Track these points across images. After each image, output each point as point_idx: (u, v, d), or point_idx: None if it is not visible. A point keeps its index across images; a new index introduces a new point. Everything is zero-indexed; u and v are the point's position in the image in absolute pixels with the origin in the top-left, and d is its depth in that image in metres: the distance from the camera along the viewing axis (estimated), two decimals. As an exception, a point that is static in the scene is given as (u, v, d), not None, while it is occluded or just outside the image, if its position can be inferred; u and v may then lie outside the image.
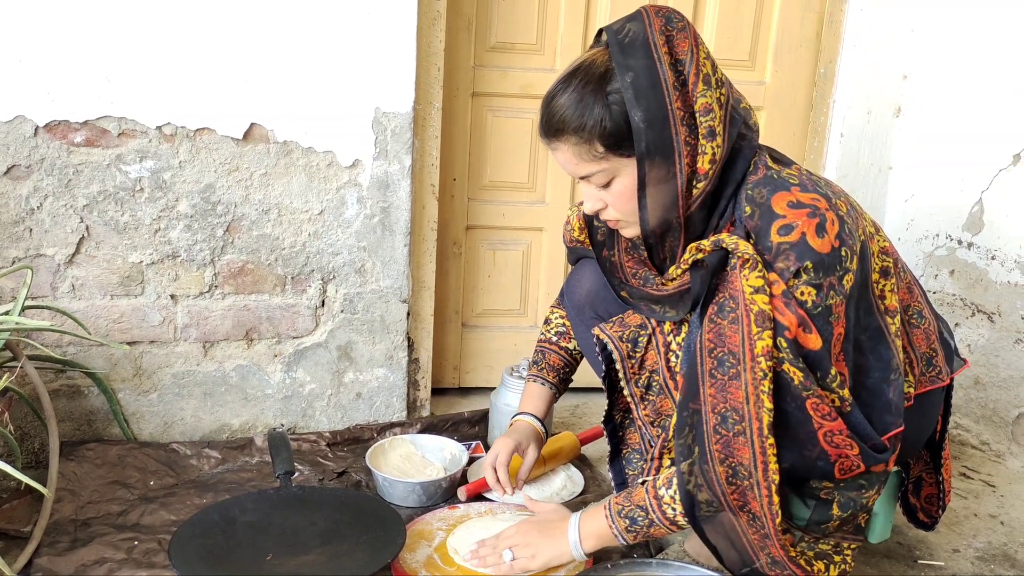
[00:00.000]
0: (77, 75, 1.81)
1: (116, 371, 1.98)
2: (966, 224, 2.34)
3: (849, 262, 1.28)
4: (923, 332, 1.47)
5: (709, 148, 1.30)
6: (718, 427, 1.27)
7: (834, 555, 1.39)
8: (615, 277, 1.57)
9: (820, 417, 1.25)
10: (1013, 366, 2.22)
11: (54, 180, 1.84)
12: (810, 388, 1.25)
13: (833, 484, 1.34)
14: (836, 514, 1.35)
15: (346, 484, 1.89)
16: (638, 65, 1.28)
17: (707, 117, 1.29)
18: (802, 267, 1.24)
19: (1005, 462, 2.22)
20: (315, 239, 2.03)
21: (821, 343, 1.26)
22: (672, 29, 1.31)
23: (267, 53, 1.90)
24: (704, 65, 1.32)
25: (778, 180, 1.33)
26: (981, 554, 1.78)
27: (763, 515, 1.27)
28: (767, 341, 1.23)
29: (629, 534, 1.40)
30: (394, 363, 2.17)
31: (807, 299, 1.25)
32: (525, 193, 2.42)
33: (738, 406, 1.25)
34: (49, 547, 1.57)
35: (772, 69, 2.47)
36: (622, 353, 1.58)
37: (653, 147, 1.29)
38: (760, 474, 1.24)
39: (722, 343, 1.28)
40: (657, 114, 1.28)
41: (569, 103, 1.32)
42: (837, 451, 1.28)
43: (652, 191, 1.33)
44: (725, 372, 1.27)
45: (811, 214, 1.26)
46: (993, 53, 2.25)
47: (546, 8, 2.30)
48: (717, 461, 1.26)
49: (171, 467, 1.91)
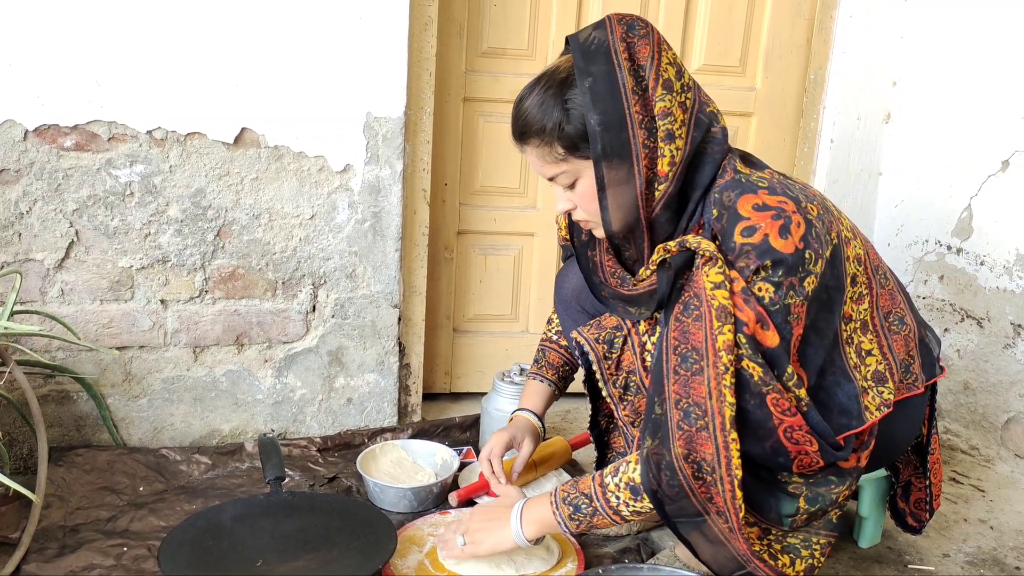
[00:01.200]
0: (67, 79, 1.80)
1: (106, 376, 1.98)
2: (955, 230, 2.36)
3: (813, 264, 1.29)
4: (903, 338, 1.48)
5: (668, 151, 1.33)
6: (681, 423, 1.28)
7: (802, 549, 1.40)
8: (596, 277, 1.59)
9: (780, 413, 1.27)
10: (1002, 371, 2.23)
11: (44, 184, 1.84)
12: (770, 383, 1.27)
13: (803, 480, 1.36)
14: (803, 507, 1.36)
15: (337, 490, 1.89)
16: (598, 71, 1.33)
17: (665, 120, 1.33)
18: (762, 265, 1.27)
19: (994, 467, 2.23)
20: (306, 244, 2.03)
21: (779, 340, 1.28)
22: (634, 36, 1.35)
23: (258, 58, 1.90)
24: (666, 71, 1.34)
25: (746, 183, 1.35)
26: (971, 559, 1.79)
27: (727, 510, 1.28)
28: (728, 336, 1.25)
29: (572, 522, 1.41)
30: (385, 368, 2.17)
31: (764, 295, 1.27)
32: (516, 198, 2.42)
33: (701, 401, 1.26)
34: (38, 553, 1.56)
35: (763, 75, 2.48)
36: (598, 354, 1.60)
37: (610, 149, 1.33)
38: (723, 469, 1.25)
39: (686, 340, 1.30)
40: (614, 117, 1.32)
41: (531, 106, 1.37)
42: (797, 447, 1.29)
43: (612, 192, 1.36)
44: (688, 368, 1.29)
45: (775, 216, 1.29)
46: (982, 60, 2.27)
47: (537, 14, 2.31)
48: (681, 458, 1.27)
49: (161, 473, 1.90)
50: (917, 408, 1.53)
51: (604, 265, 1.57)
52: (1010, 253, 2.20)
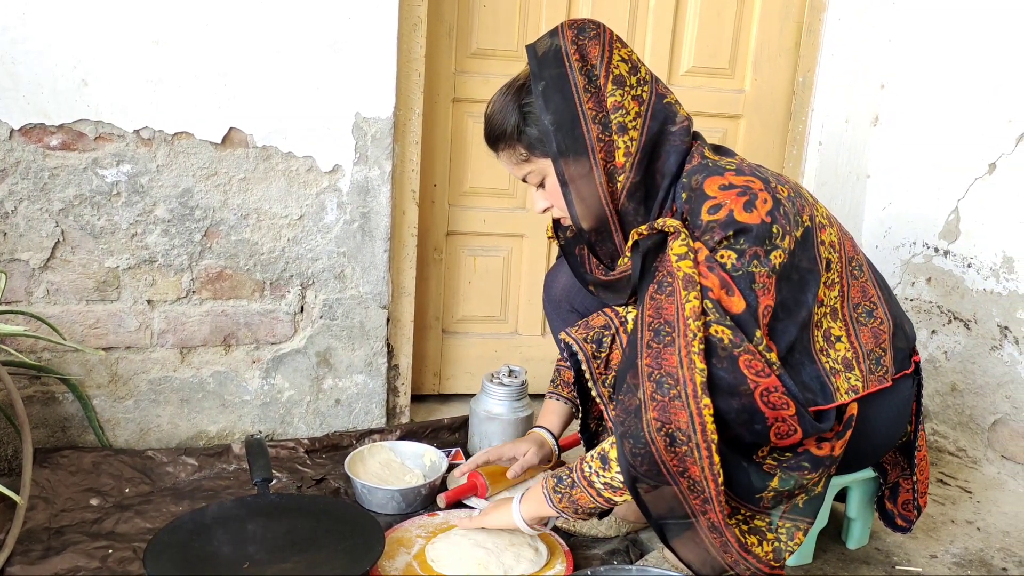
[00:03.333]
0: (53, 78, 1.79)
1: (91, 377, 1.96)
2: (943, 232, 2.37)
3: (780, 239, 1.32)
4: (871, 330, 1.48)
5: (622, 143, 1.41)
6: (655, 394, 1.28)
7: (767, 532, 1.39)
8: (583, 269, 1.64)
9: (754, 375, 1.27)
10: (989, 373, 2.24)
11: (29, 184, 1.82)
12: (740, 345, 1.27)
13: (776, 462, 1.36)
14: (774, 486, 1.36)
15: (324, 491, 1.88)
16: (549, 74, 1.42)
17: (617, 114, 1.40)
18: (725, 236, 1.31)
19: (981, 468, 2.24)
20: (294, 244, 2.02)
21: (744, 306, 1.29)
22: (584, 38, 1.43)
23: (246, 58, 1.89)
24: (617, 67, 1.42)
25: (712, 167, 1.40)
26: (958, 559, 1.79)
27: (703, 478, 1.27)
28: (695, 303, 1.28)
29: (556, 495, 1.45)
30: (373, 369, 2.16)
31: (726, 262, 1.30)
32: (506, 199, 2.42)
33: (672, 371, 1.27)
34: (22, 556, 1.55)
35: (751, 77, 2.49)
36: (587, 353, 1.61)
37: (564, 146, 1.41)
38: (699, 436, 1.25)
39: (659, 316, 1.32)
40: (565, 116, 1.40)
41: (494, 113, 1.50)
42: (774, 413, 1.28)
43: (574, 187, 1.44)
44: (660, 341, 1.30)
45: (741, 193, 1.33)
46: (969, 63, 2.28)
47: (527, 15, 2.31)
48: (655, 430, 1.27)
49: (147, 474, 1.89)
50: (900, 405, 1.53)
51: (590, 259, 1.62)
52: (997, 255, 2.21)
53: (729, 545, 1.33)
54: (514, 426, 2.04)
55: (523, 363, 2.33)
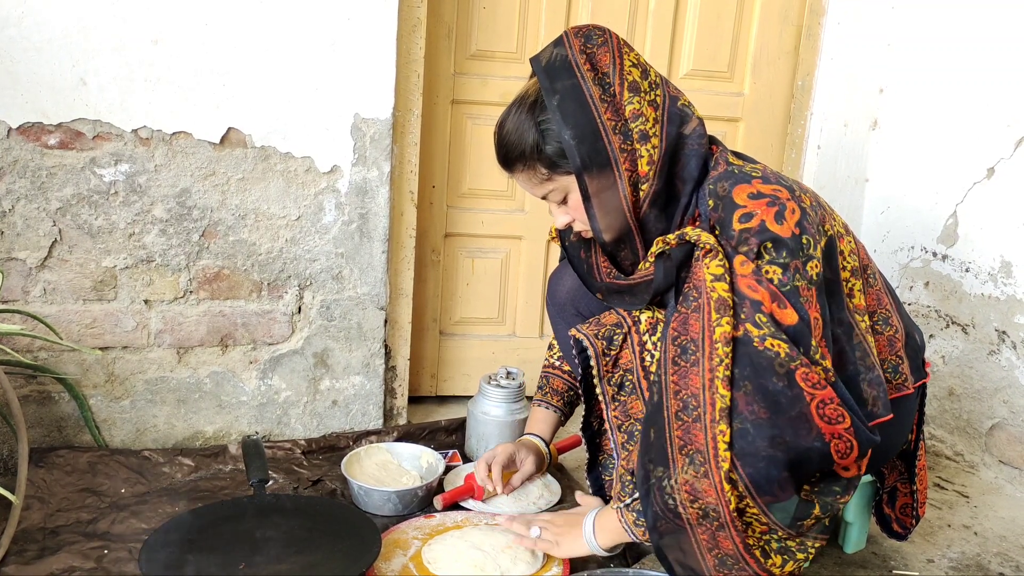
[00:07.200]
0: (52, 76, 1.79)
1: (88, 377, 1.96)
2: (941, 236, 2.37)
3: (812, 249, 1.30)
4: (887, 339, 1.48)
5: (645, 151, 1.36)
6: (680, 413, 1.28)
7: (797, 552, 1.37)
8: (591, 277, 1.61)
9: (811, 387, 1.24)
10: (987, 377, 2.24)
11: (27, 183, 1.82)
12: (797, 358, 1.24)
13: (809, 487, 1.34)
14: (816, 514, 1.33)
15: (321, 492, 1.88)
16: (563, 87, 1.36)
17: (637, 122, 1.35)
18: (762, 245, 1.28)
19: (979, 473, 2.24)
20: (292, 245, 2.02)
21: (798, 318, 1.27)
22: (592, 46, 1.38)
23: (245, 57, 1.89)
24: (630, 73, 1.37)
25: (739, 174, 1.37)
26: (955, 564, 1.79)
27: (717, 502, 1.25)
28: (726, 328, 1.26)
29: (638, 528, 1.42)
30: (371, 371, 2.16)
31: (774, 277, 1.28)
32: (504, 201, 2.42)
33: (696, 392, 1.27)
34: (17, 556, 1.54)
35: (751, 81, 2.49)
36: (597, 350, 1.60)
37: (588, 160, 1.36)
38: (713, 461, 1.24)
39: (685, 331, 1.30)
40: (586, 129, 1.35)
41: (509, 133, 1.42)
42: (831, 428, 1.24)
43: (597, 201, 1.39)
44: (687, 359, 1.29)
45: (770, 203, 1.30)
46: (968, 68, 2.28)
47: (526, 17, 2.31)
48: (677, 449, 1.27)
49: (143, 475, 1.89)
50: (907, 412, 1.53)
51: (600, 267, 1.59)
52: (995, 260, 2.21)
53: (747, 566, 1.32)
54: (511, 428, 2.03)
55: (521, 365, 2.32)
